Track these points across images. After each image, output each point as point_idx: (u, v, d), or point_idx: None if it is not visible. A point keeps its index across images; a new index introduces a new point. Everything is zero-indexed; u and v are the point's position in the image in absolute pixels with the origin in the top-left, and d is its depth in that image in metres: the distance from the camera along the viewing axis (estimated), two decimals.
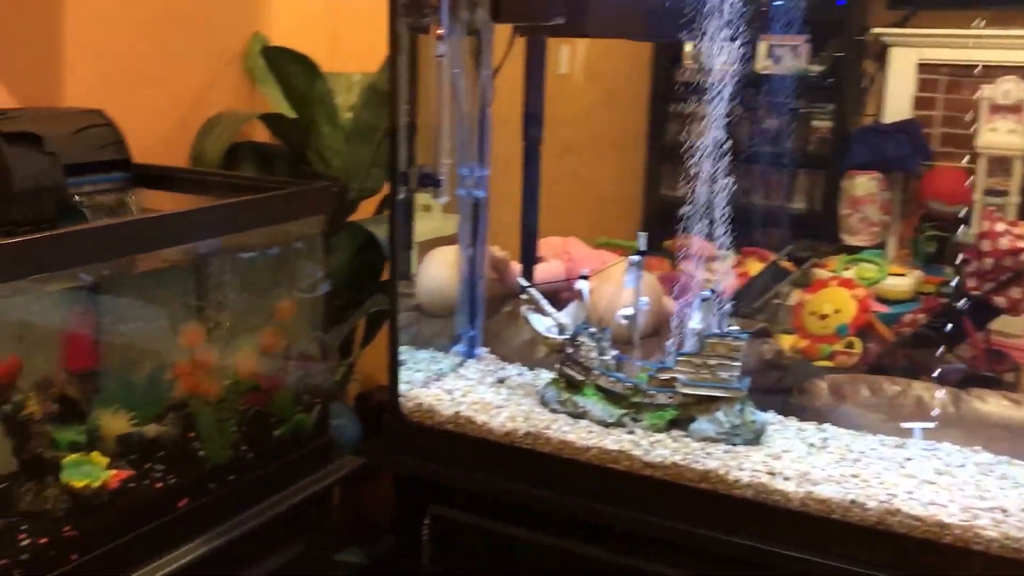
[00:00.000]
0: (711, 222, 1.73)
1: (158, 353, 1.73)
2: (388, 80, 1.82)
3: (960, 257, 2.38)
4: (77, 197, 1.75)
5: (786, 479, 1.60)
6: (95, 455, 1.51)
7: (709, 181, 1.72)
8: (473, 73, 1.98)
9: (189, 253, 1.78)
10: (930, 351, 2.27)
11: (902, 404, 1.84)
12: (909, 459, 1.67)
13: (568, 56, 3.85)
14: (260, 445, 1.77)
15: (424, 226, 2.26)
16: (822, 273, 3.07)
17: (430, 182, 1.92)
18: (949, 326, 2.27)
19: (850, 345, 2.39)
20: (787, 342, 2.58)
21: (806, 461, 1.65)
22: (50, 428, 1.50)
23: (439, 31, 1.82)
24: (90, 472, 1.49)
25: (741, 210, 1.76)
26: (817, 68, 4.37)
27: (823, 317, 2.46)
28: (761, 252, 3.47)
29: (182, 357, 1.69)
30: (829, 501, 1.55)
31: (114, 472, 1.52)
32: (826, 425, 1.79)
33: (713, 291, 1.79)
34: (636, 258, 1.83)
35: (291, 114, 2.25)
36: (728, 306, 1.79)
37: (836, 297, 2.58)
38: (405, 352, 2.07)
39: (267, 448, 1.78)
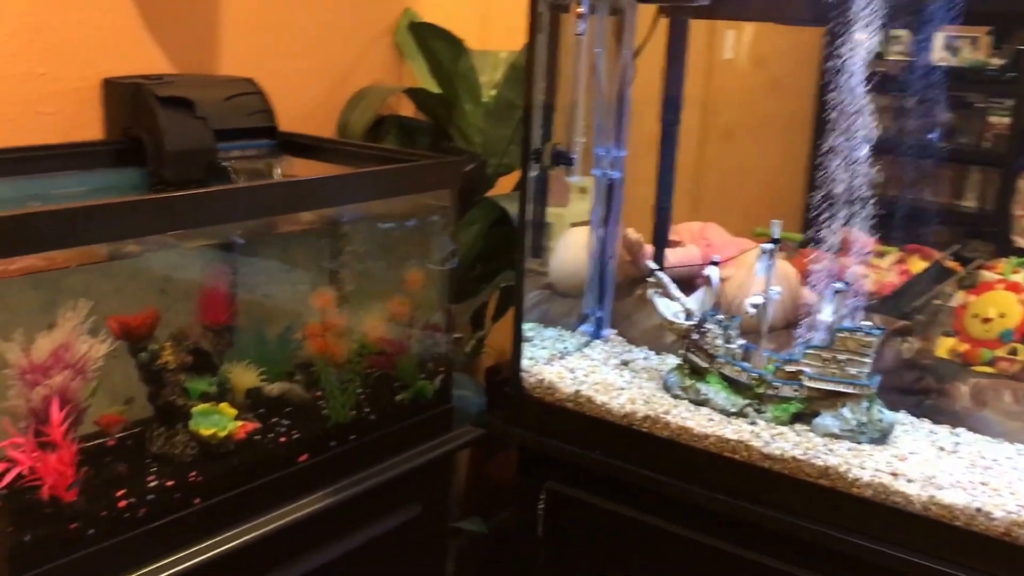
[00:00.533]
0: (873, 216, 1.66)
1: (290, 313, 1.80)
2: (525, 58, 1.82)
3: None
4: (225, 161, 1.83)
5: (909, 481, 1.53)
6: (224, 406, 1.59)
7: (873, 174, 1.65)
8: (614, 53, 1.97)
9: (325, 219, 1.85)
10: None
11: None
12: None
13: (733, 41, 3.77)
14: (381, 408, 1.82)
15: (578, 208, 2.26)
16: (988, 275, 2.90)
17: (563, 160, 1.92)
18: None
19: (1013, 351, 2.25)
20: (946, 345, 2.46)
21: (933, 465, 1.57)
22: (183, 378, 1.58)
23: (579, 10, 1.82)
24: (218, 422, 1.56)
25: (906, 205, 1.68)
26: (998, 62, 4.12)
27: (986, 321, 2.31)
28: (925, 250, 3.31)
29: (313, 319, 1.75)
30: (953, 507, 1.47)
31: (241, 424, 1.59)
32: (960, 430, 1.70)
33: (847, 284, 1.73)
34: (768, 246, 1.78)
35: (435, 90, 2.29)
36: (862, 300, 1.73)
37: (1002, 301, 2.43)
38: (532, 329, 2.09)
39: (388, 411, 1.82)
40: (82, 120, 1.80)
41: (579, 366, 1.92)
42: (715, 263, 1.86)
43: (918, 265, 3.20)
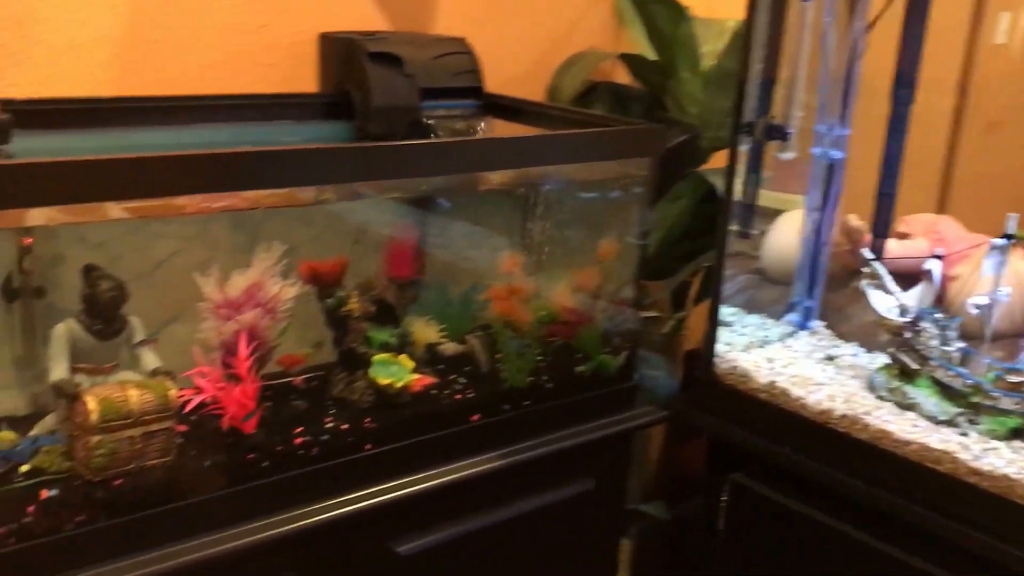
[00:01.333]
0: None
1: (477, 274, 1.80)
2: (744, 24, 1.72)
3: None
4: (428, 119, 1.84)
5: None
6: (403, 358, 1.61)
7: None
8: (845, 24, 1.83)
9: (521, 181, 1.83)
10: None
11: None
12: None
13: (1008, 24, 3.44)
14: (560, 378, 1.78)
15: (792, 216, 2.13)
16: None
17: (777, 135, 1.82)
18: None
19: None
20: None
21: None
22: (366, 327, 1.61)
23: None
24: (396, 372, 1.58)
25: None
26: None
27: None
28: None
29: (499, 281, 1.74)
30: None
31: (417, 377, 1.60)
32: None
33: None
34: (1001, 241, 1.60)
35: (653, 56, 2.21)
36: None
37: None
38: (734, 314, 2.00)
39: (567, 382, 1.79)
40: (298, 73, 1.86)
41: (779, 356, 1.83)
42: (938, 256, 1.70)
43: None
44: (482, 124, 1.91)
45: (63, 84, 1.63)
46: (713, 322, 1.83)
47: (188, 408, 1.38)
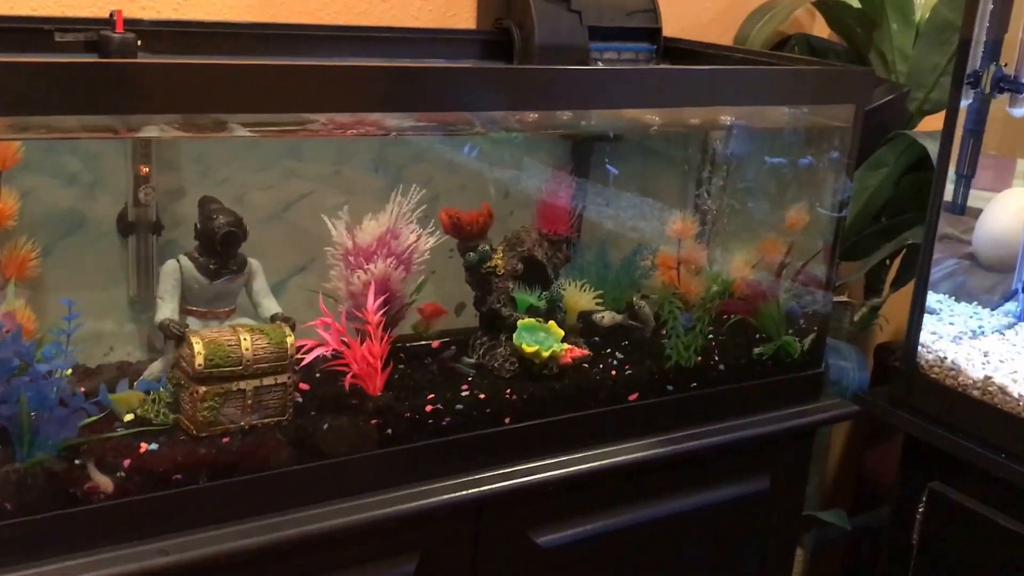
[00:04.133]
0: None
1: (642, 236, 1.59)
2: None
3: None
4: (597, 62, 1.65)
5: None
6: (552, 325, 1.41)
7: None
8: None
9: (702, 131, 1.61)
10: None
11: None
12: None
13: None
14: (734, 359, 1.55)
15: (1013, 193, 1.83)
16: None
17: (1010, 86, 1.53)
18: None
19: None
20: None
21: None
22: (512, 287, 1.42)
23: None
24: (543, 340, 1.39)
25: None
26: None
27: None
28: None
29: (668, 246, 1.53)
30: None
31: (568, 347, 1.41)
32: None
33: None
34: None
35: (856, 5, 1.94)
36: None
37: None
38: (940, 301, 1.78)
39: (742, 364, 1.56)
40: (455, 7, 1.70)
41: (995, 349, 1.61)
42: None
43: None
44: None
45: (200, 8, 1.52)
46: (919, 307, 1.60)
47: (306, 361, 1.24)
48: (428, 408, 1.32)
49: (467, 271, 1.44)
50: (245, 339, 1.18)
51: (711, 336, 1.55)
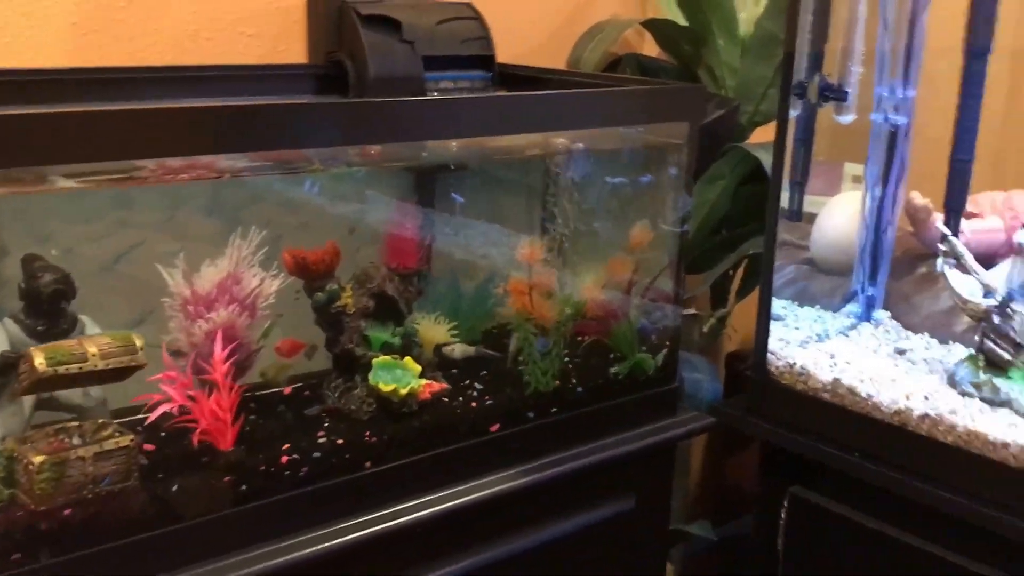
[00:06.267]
0: None
1: (493, 264, 1.58)
2: None
3: None
4: (433, 92, 1.63)
5: None
6: (408, 361, 1.38)
7: None
8: None
9: (541, 154, 1.61)
10: None
11: None
12: None
13: None
14: (591, 380, 1.56)
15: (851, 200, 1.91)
16: None
17: (834, 95, 1.60)
18: None
19: None
20: None
21: None
22: (364, 325, 1.39)
23: None
24: (400, 377, 1.36)
25: None
26: None
27: None
28: None
29: (518, 272, 1.52)
30: None
31: (426, 382, 1.38)
32: None
33: None
34: None
35: (683, 22, 2.00)
36: None
37: None
38: (785, 307, 1.82)
39: (599, 385, 1.56)
40: (285, 42, 1.66)
41: (841, 351, 1.66)
42: None
43: None
44: None
45: (13, 55, 1.43)
46: (765, 314, 1.63)
47: (151, 419, 1.17)
48: (284, 459, 1.26)
49: (316, 312, 1.39)
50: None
51: (567, 359, 1.56)
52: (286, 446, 1.28)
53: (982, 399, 1.44)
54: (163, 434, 1.24)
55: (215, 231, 1.38)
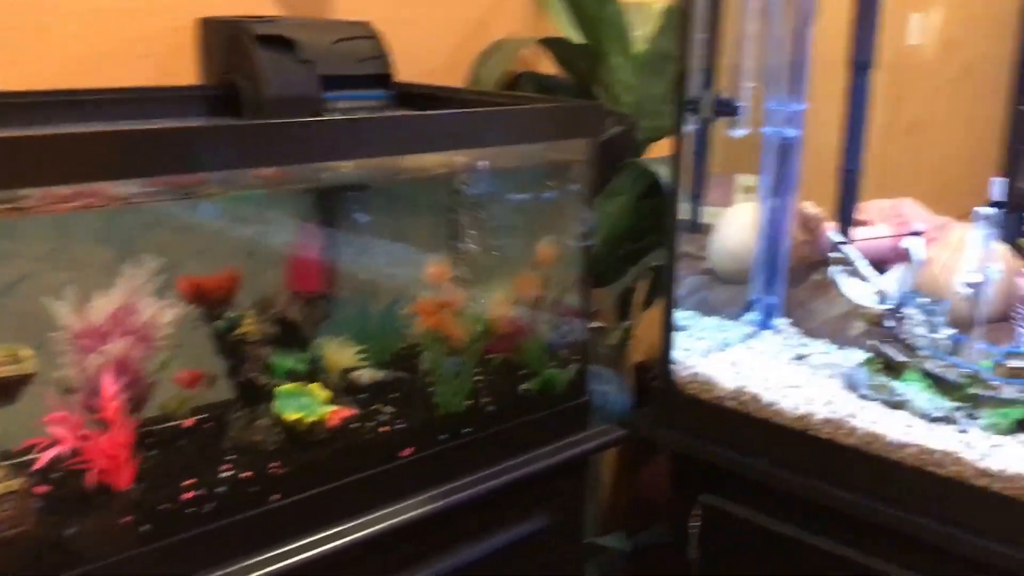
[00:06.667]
0: None
1: (399, 284, 1.56)
2: None
3: None
4: (332, 112, 1.61)
5: None
6: (314, 387, 1.35)
7: None
8: None
9: (445, 176, 1.60)
10: None
11: None
12: None
13: (919, 25, 3.39)
14: (502, 398, 1.54)
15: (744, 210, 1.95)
16: None
17: (727, 110, 1.62)
18: None
19: None
20: None
21: None
22: (267, 352, 1.35)
23: None
24: (307, 405, 1.33)
25: None
26: None
27: None
28: None
29: (426, 292, 1.50)
30: None
31: (334, 409, 1.35)
32: None
33: None
34: (989, 211, 1.43)
35: (578, 41, 2.01)
36: None
37: None
38: (688, 318, 1.84)
39: (510, 403, 1.55)
40: (176, 64, 1.61)
41: (743, 359, 1.68)
42: (917, 233, 1.52)
43: None
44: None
45: None
46: (668, 326, 1.65)
47: (42, 462, 1.11)
48: (187, 495, 1.21)
49: (216, 340, 1.35)
50: None
51: (478, 378, 1.54)
52: (189, 481, 1.23)
53: (879, 401, 1.49)
54: (57, 475, 1.18)
55: (108, 260, 1.32)
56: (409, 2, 1.90)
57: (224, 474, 1.26)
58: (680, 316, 1.76)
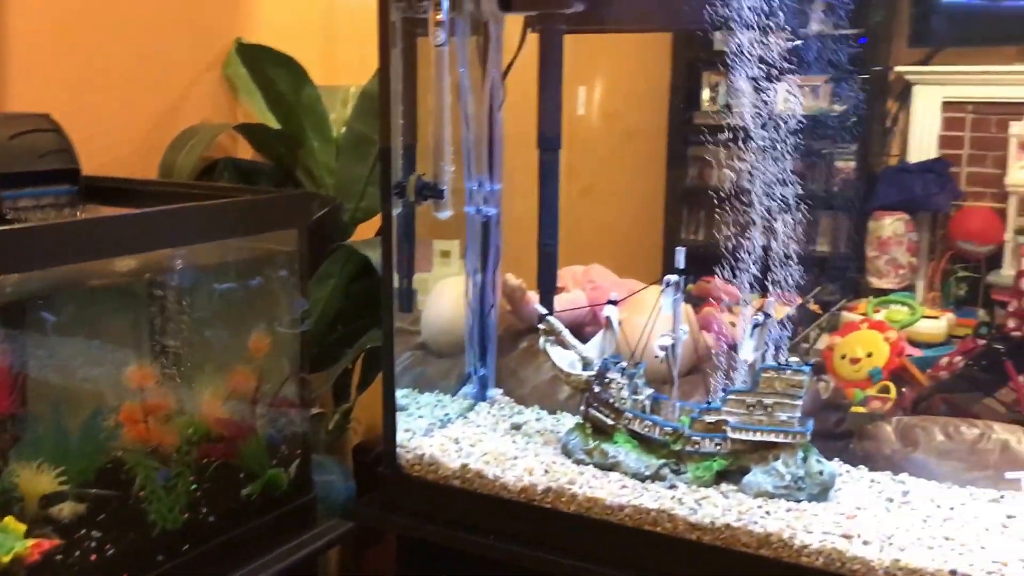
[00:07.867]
0: (733, 266, 1.52)
1: (100, 394, 1.45)
2: (380, 72, 1.56)
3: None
4: (12, 212, 1.48)
5: (866, 544, 1.32)
6: (9, 521, 1.22)
7: (732, 225, 1.52)
8: (480, 73, 1.74)
9: (144, 274, 1.51)
10: (971, 395, 2.02)
11: (985, 449, 1.55)
12: (1012, 516, 1.37)
13: (585, 98, 3.67)
14: (223, 507, 1.47)
15: (442, 273, 1.98)
16: (852, 316, 2.82)
17: (431, 193, 1.67)
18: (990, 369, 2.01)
19: (885, 390, 2.15)
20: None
21: (886, 520, 1.37)
22: None
23: (438, 17, 1.57)
24: (1, 542, 1.19)
25: (764, 254, 1.56)
26: (839, 108, 4.19)
27: (855, 361, 2.22)
28: (785, 296, 3.21)
29: (129, 399, 1.40)
30: (922, 572, 1.25)
31: (33, 542, 1.22)
32: (904, 476, 1.52)
33: (767, 315, 1.52)
34: (674, 277, 1.55)
35: (276, 125, 1.99)
36: (785, 334, 1.53)
37: (868, 340, 2.35)
38: (406, 396, 1.84)
39: (232, 510, 1.48)
40: None
41: (464, 435, 1.70)
42: (613, 302, 1.62)
43: (780, 311, 3.06)
44: (83, 212, 1.56)
45: None
46: (390, 408, 1.64)
47: None
48: None
49: None
50: None
51: (195, 487, 1.46)
52: None
53: (594, 465, 1.54)
54: None
55: None
56: (91, 90, 1.80)
57: None
58: (399, 395, 1.74)
